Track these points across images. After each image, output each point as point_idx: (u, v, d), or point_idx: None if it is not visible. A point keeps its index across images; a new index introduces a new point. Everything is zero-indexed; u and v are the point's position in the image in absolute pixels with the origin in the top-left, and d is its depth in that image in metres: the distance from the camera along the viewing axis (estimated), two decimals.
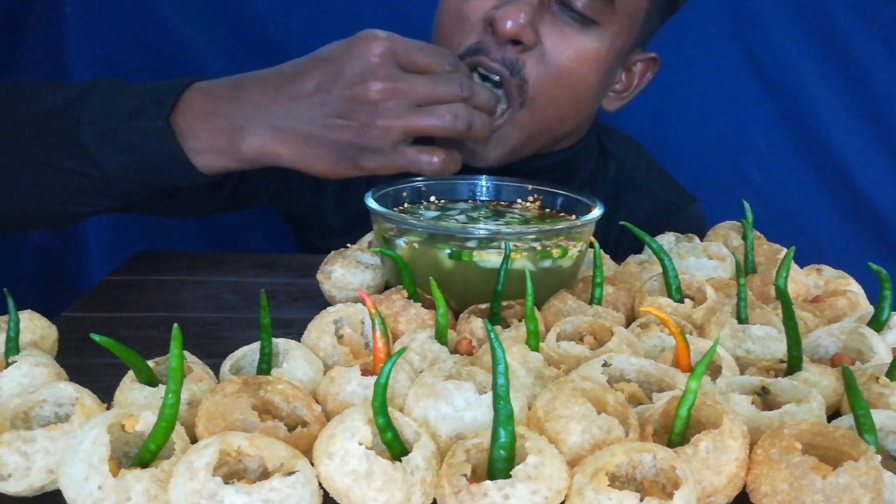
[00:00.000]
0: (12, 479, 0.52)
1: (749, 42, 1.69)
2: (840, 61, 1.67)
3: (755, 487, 0.53)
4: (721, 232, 1.03)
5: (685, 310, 0.79)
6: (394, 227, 0.82)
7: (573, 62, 1.00)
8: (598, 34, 1.00)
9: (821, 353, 0.73)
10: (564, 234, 0.82)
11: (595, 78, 1.04)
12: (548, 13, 0.98)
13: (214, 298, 0.93)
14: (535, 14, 0.96)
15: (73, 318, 0.85)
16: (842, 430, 0.54)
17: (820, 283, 0.89)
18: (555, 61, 0.99)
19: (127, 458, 0.53)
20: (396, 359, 0.53)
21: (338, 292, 0.87)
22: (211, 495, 0.47)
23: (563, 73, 1.00)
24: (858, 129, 1.71)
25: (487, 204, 0.96)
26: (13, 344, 0.65)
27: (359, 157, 0.86)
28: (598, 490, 0.48)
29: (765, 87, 1.72)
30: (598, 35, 1.00)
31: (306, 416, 0.58)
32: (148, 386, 0.60)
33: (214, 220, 1.81)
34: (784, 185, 1.78)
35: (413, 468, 0.51)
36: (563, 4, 0.98)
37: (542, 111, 1.03)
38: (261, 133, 0.86)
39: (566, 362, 0.66)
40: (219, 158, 0.88)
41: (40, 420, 0.58)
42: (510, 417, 0.50)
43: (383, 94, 0.84)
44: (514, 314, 0.78)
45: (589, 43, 1.00)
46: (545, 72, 0.99)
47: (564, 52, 0.99)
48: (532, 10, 0.96)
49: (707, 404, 0.55)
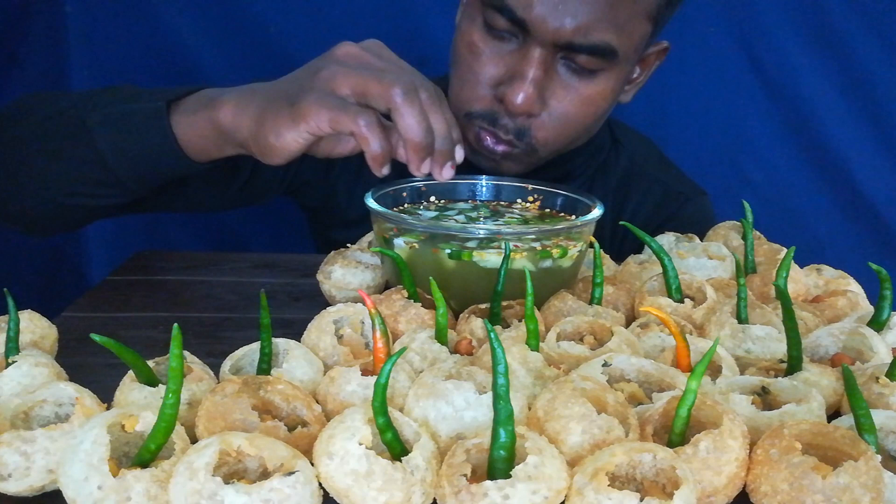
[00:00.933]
0: (12, 479, 0.52)
1: (749, 42, 1.69)
2: (840, 61, 1.67)
3: (755, 487, 0.53)
4: (721, 232, 1.03)
5: (685, 310, 0.79)
6: (394, 227, 0.82)
7: (581, 108, 1.03)
8: (603, 77, 1.02)
9: (821, 353, 0.73)
10: (564, 234, 0.82)
11: (605, 108, 1.07)
12: (552, 74, 1.00)
13: (214, 298, 0.93)
14: (542, 82, 0.99)
15: (73, 318, 0.85)
16: (842, 430, 0.54)
17: (820, 283, 0.89)
18: (562, 115, 1.03)
19: (127, 458, 0.53)
20: (396, 359, 0.53)
21: (338, 292, 0.87)
22: (211, 495, 0.47)
23: (571, 121, 1.04)
24: (858, 129, 1.71)
25: (487, 204, 0.96)
26: (13, 344, 0.65)
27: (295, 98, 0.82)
28: (598, 490, 0.48)
29: (765, 87, 1.72)
30: (604, 78, 1.02)
31: (306, 416, 0.58)
32: (148, 386, 0.60)
33: (214, 220, 1.81)
34: (784, 185, 1.78)
35: (413, 468, 0.51)
36: (567, 60, 0.99)
37: (553, 148, 1.07)
38: (233, 99, 0.86)
39: (566, 362, 0.66)
40: (202, 137, 0.88)
41: (40, 420, 0.58)
42: (510, 417, 0.50)
43: (354, 55, 0.85)
44: (514, 314, 0.78)
45: (595, 87, 1.02)
46: (552, 126, 1.03)
47: (572, 105, 1.02)
48: (539, 82, 0.98)
49: (707, 404, 0.55)
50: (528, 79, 0.97)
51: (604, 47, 0.97)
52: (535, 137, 1.04)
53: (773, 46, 1.68)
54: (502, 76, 1.00)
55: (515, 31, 0.98)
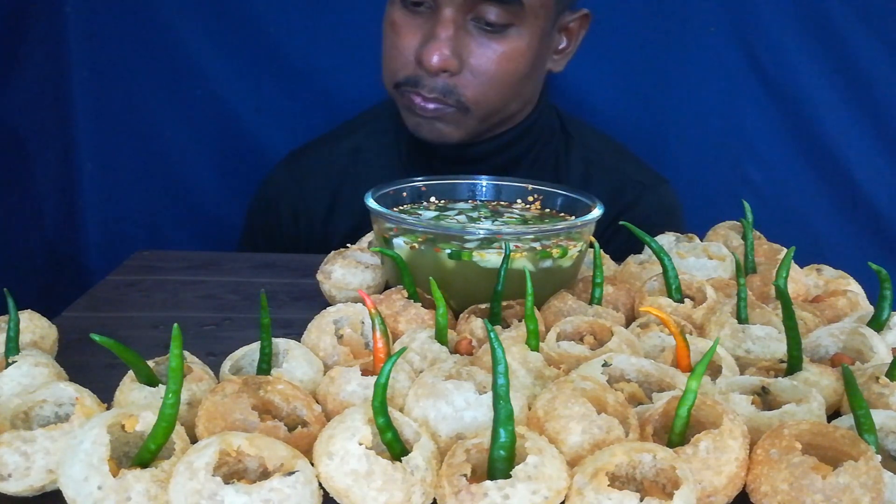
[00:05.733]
0: (12, 479, 0.52)
1: (749, 42, 1.69)
2: (840, 61, 1.67)
3: (755, 487, 0.53)
4: (721, 232, 1.03)
5: (685, 310, 0.79)
6: (394, 227, 0.82)
7: (500, 65, 1.10)
8: (515, 33, 1.09)
9: (821, 353, 0.73)
10: (564, 234, 0.82)
11: (525, 66, 1.13)
12: (465, 34, 1.08)
13: (214, 298, 0.93)
14: (456, 41, 1.07)
15: (73, 318, 0.85)
16: (842, 430, 0.54)
17: (820, 283, 0.89)
18: (483, 72, 1.10)
19: (127, 458, 0.53)
20: (396, 359, 0.53)
21: (338, 292, 0.87)
22: (211, 495, 0.47)
23: (493, 77, 1.11)
24: (858, 129, 1.71)
25: (487, 204, 0.96)
26: (13, 344, 0.65)
27: None
28: (598, 490, 0.48)
29: (765, 87, 1.72)
30: (515, 34, 1.09)
31: (306, 416, 0.58)
32: (148, 386, 0.60)
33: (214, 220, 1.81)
34: (784, 185, 1.78)
35: (413, 468, 0.51)
36: (477, 20, 1.07)
37: (485, 107, 1.13)
38: None
39: (566, 362, 0.66)
40: None
41: (40, 420, 0.58)
42: (510, 417, 0.50)
43: None
44: (514, 314, 0.78)
45: (509, 43, 1.10)
46: (477, 83, 1.11)
47: (490, 62, 1.10)
48: (452, 41, 1.07)
49: (707, 404, 0.55)
50: (440, 38, 1.07)
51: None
52: (464, 95, 1.11)
53: (773, 46, 1.68)
54: (420, 43, 1.09)
55: (429, 1, 1.07)
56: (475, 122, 1.15)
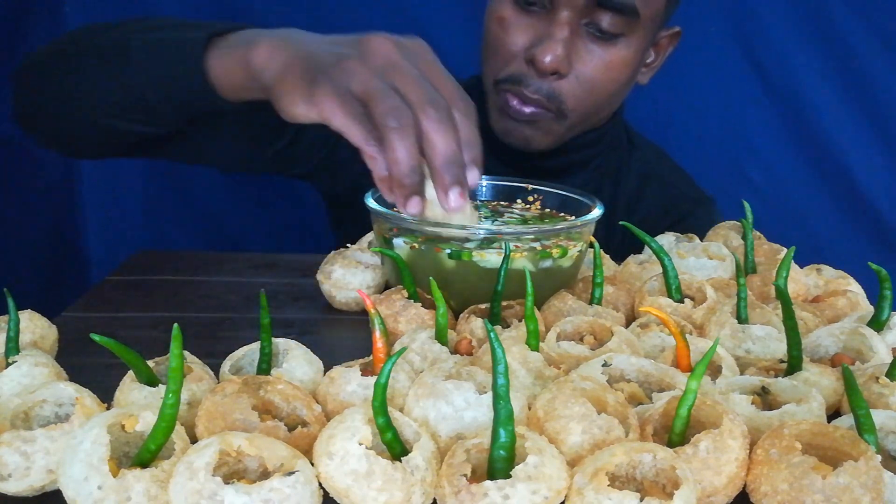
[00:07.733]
0: (12, 479, 0.52)
1: (749, 42, 1.69)
2: (840, 61, 1.67)
3: (755, 487, 0.53)
4: (721, 232, 1.03)
5: (685, 310, 0.79)
6: (394, 227, 0.82)
7: (605, 74, 1.10)
8: (624, 43, 1.09)
9: (821, 353, 0.73)
10: (564, 234, 0.82)
11: (626, 76, 1.13)
12: (578, 38, 1.07)
13: (214, 298, 0.93)
14: (569, 44, 1.06)
15: (73, 318, 0.85)
16: (842, 430, 0.54)
17: (820, 283, 0.89)
18: (588, 79, 1.10)
19: (127, 458, 0.53)
20: (396, 359, 0.53)
21: (338, 292, 0.87)
22: (211, 495, 0.47)
23: (597, 85, 1.11)
24: (858, 129, 1.71)
25: (487, 204, 0.96)
26: (13, 344, 0.64)
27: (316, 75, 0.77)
28: (598, 490, 0.48)
29: (765, 87, 1.72)
30: (624, 44, 1.09)
31: (306, 416, 0.58)
32: (148, 386, 0.60)
33: (214, 220, 1.81)
34: (784, 185, 1.78)
35: (413, 468, 0.51)
36: (590, 25, 1.06)
37: (581, 114, 1.13)
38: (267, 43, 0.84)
39: (566, 362, 0.66)
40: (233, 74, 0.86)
41: (40, 420, 0.58)
42: (510, 417, 0.50)
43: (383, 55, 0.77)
44: (514, 314, 0.78)
45: (617, 53, 1.09)
46: (580, 90, 1.10)
47: (597, 69, 1.09)
48: (566, 43, 1.05)
49: (707, 404, 0.55)
50: (555, 38, 1.05)
51: (629, 6, 1.05)
52: (566, 101, 1.09)
53: (773, 46, 1.68)
54: (532, 41, 1.07)
55: (543, 1, 1.06)
56: (566, 129, 1.14)
